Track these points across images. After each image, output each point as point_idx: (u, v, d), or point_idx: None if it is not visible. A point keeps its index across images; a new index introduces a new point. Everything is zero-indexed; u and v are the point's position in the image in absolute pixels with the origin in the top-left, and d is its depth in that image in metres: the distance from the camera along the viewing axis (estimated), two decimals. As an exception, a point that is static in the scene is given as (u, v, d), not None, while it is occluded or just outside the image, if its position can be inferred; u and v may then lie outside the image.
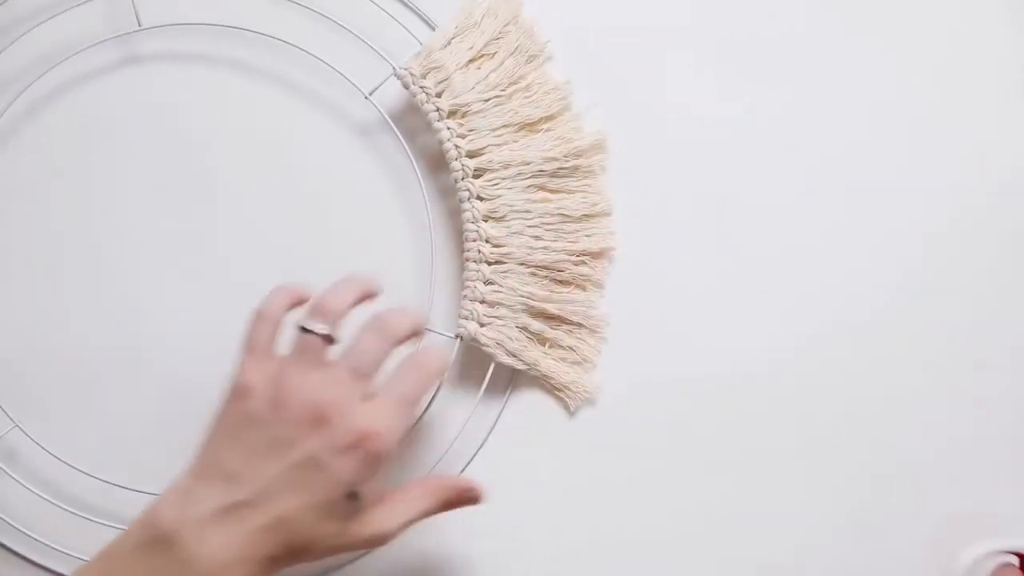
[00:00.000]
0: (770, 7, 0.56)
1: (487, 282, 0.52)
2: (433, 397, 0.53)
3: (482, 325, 0.52)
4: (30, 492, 0.51)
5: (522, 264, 0.53)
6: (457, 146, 0.52)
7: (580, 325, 0.54)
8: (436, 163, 0.55)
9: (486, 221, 0.52)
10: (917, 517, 0.55)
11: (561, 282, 0.54)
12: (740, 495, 0.55)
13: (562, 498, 0.54)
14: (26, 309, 0.54)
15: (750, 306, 0.56)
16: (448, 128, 0.52)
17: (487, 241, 0.52)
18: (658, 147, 0.56)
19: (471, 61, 0.53)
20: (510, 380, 0.54)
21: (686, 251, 0.56)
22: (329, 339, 0.46)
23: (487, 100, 0.53)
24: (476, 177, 0.52)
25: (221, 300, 0.54)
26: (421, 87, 0.52)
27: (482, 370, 0.53)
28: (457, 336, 0.53)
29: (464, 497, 0.48)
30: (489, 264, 0.52)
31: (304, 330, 0.47)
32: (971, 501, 0.55)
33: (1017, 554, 0.54)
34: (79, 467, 0.51)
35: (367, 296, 0.48)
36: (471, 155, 0.52)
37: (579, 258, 0.54)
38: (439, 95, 0.52)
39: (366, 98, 0.53)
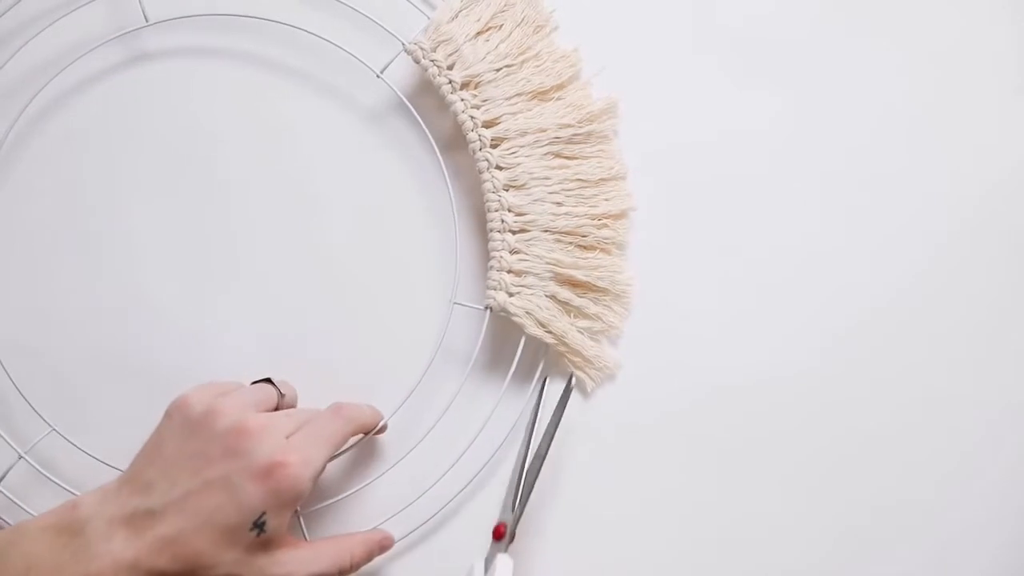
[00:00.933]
0: (769, 8, 0.57)
1: (513, 251, 0.52)
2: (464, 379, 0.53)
3: (510, 295, 0.52)
4: (72, 495, 0.51)
5: (546, 231, 0.53)
6: (472, 117, 0.52)
7: (606, 291, 0.54)
8: (451, 139, 0.55)
9: (507, 190, 0.52)
10: (931, 526, 0.55)
11: (585, 247, 0.54)
12: (747, 495, 0.55)
13: (592, 474, 0.54)
14: (58, 312, 0.54)
15: (756, 306, 0.55)
16: (462, 100, 0.52)
17: (510, 210, 0.52)
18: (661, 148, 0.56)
19: (479, 33, 0.53)
20: (543, 353, 0.54)
21: (693, 248, 0.56)
22: (282, 397, 0.50)
23: (498, 70, 0.53)
24: (494, 147, 0.52)
25: (252, 295, 0.54)
26: (432, 60, 0.52)
27: (512, 346, 0.53)
28: (486, 307, 0.52)
29: (383, 547, 0.50)
30: (514, 233, 0.52)
31: (265, 380, 0.50)
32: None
33: None
34: (117, 466, 0.51)
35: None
36: (487, 125, 0.52)
37: (600, 221, 0.54)
38: (450, 67, 0.52)
39: (378, 76, 0.53)
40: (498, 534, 0.50)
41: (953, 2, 0.57)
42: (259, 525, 0.44)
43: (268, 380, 0.50)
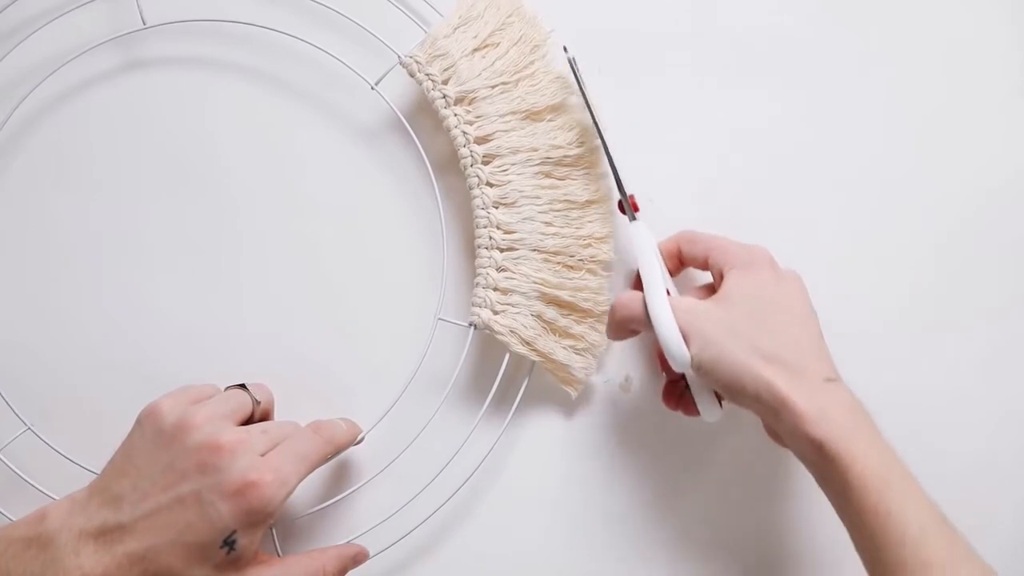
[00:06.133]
0: (770, 9, 0.57)
1: (500, 269, 0.52)
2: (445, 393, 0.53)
3: (495, 313, 0.52)
4: (45, 496, 0.50)
5: (535, 250, 0.52)
6: (465, 132, 0.52)
7: (589, 312, 0.54)
8: (444, 158, 0.54)
9: (496, 207, 0.52)
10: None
11: (571, 267, 0.53)
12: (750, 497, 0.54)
13: (573, 495, 0.54)
14: (38, 314, 0.54)
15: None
16: (455, 115, 0.52)
17: (498, 227, 0.52)
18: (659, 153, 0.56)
19: (476, 50, 0.53)
20: (527, 371, 0.54)
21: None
22: (257, 404, 0.49)
23: (493, 87, 0.53)
24: (485, 163, 0.52)
25: (238, 302, 0.54)
26: (427, 74, 0.52)
27: (495, 364, 0.53)
28: (470, 324, 0.52)
29: (358, 562, 0.50)
30: (501, 251, 0.52)
31: (239, 386, 0.49)
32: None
33: None
34: (91, 469, 0.51)
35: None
36: (479, 141, 0.52)
37: (585, 241, 0.53)
38: (445, 82, 0.52)
39: (372, 88, 0.53)
40: (621, 208, 0.52)
41: (953, 5, 0.56)
42: (229, 543, 0.44)
43: (242, 386, 0.50)
